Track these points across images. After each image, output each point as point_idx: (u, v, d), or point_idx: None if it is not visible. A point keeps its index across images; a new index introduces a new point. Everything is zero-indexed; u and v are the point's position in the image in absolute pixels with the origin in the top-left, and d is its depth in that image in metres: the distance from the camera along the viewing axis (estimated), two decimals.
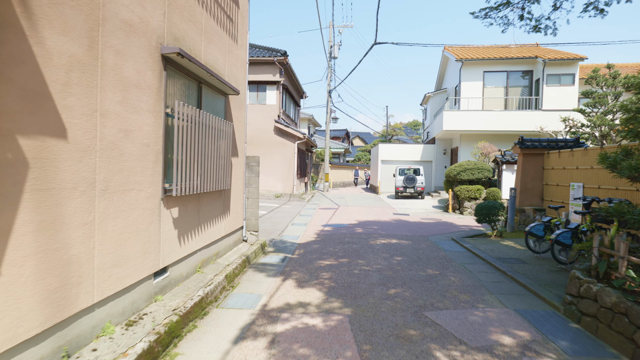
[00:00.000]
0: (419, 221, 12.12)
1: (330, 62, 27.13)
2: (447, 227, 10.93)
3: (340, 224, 11.19)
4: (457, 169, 14.82)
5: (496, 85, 20.66)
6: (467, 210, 14.30)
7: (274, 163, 19.31)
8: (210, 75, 4.75)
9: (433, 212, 14.77)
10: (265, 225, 10.53)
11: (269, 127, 19.31)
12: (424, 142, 27.69)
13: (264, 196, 18.94)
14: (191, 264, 4.72)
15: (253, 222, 7.80)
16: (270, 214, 13.10)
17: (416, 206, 16.84)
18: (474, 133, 20.26)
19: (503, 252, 7.38)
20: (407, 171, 21.33)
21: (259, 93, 19.37)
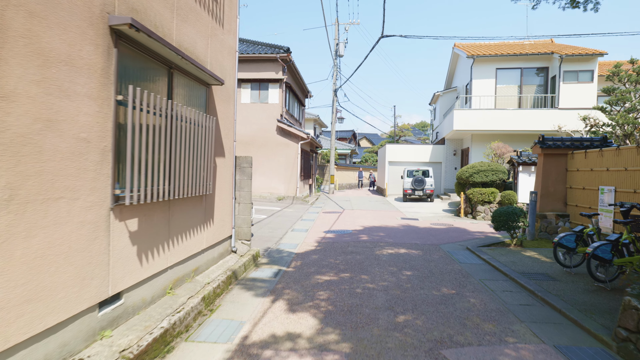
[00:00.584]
0: (429, 227, 11.23)
1: (336, 60, 26.34)
2: (460, 234, 10.03)
3: (343, 230, 10.36)
4: (469, 170, 13.90)
5: (509, 83, 19.67)
6: (481, 214, 13.36)
7: (276, 164, 18.54)
8: (183, 60, 3.97)
9: (444, 217, 13.86)
10: (262, 232, 9.73)
11: (271, 127, 18.55)
12: (432, 142, 26.74)
13: (266, 199, 18.17)
14: (158, 285, 3.93)
15: (245, 230, 7.00)
16: (270, 218, 12.30)
17: (425, 210, 15.94)
18: (485, 133, 19.29)
19: (527, 265, 6.48)
20: (415, 173, 20.44)
21: (261, 92, 18.63)
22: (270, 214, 13.48)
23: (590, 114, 16.16)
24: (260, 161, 18.61)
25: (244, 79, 18.44)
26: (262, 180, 18.59)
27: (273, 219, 12.26)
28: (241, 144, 18.71)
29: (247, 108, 18.66)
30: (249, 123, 18.65)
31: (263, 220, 11.73)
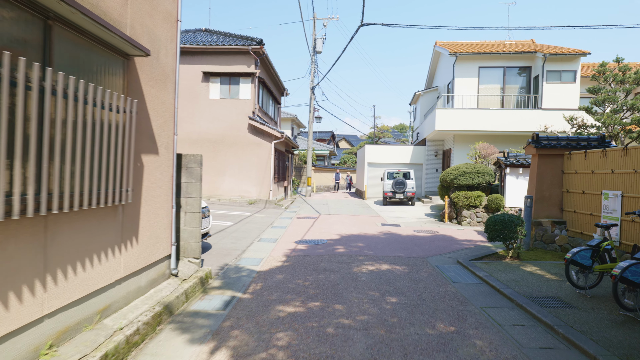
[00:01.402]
0: (412, 235, 10.16)
1: (314, 56, 25.18)
2: (447, 244, 8.99)
3: (318, 240, 9.14)
4: (454, 172, 12.97)
5: (492, 82, 19.00)
6: (466, 220, 12.43)
7: (248, 165, 17.18)
8: (68, 8, 2.66)
9: (427, 223, 12.86)
10: (223, 243, 8.40)
11: (242, 125, 17.17)
12: (413, 143, 25.95)
13: (236, 203, 16.77)
14: (22, 346, 2.60)
15: (193, 245, 5.68)
16: (237, 225, 10.97)
17: (407, 214, 14.93)
18: (468, 133, 18.52)
19: (532, 285, 5.44)
20: (396, 175, 19.48)
21: (232, 86, 17.23)
22: (238, 220, 12.14)
23: (575, 115, 15.58)
24: (230, 162, 17.20)
25: (212, 72, 17.01)
26: (232, 182, 17.19)
27: (240, 226, 10.92)
28: (209, 143, 17.25)
29: (215, 104, 17.23)
30: (218, 120, 17.22)
31: (228, 228, 10.39)
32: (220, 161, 17.21)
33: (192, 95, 17.24)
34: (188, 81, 17.22)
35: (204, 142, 17.25)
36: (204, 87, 17.18)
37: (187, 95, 17.25)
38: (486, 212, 12.36)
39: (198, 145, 17.27)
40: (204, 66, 17.12)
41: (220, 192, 17.17)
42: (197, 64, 17.16)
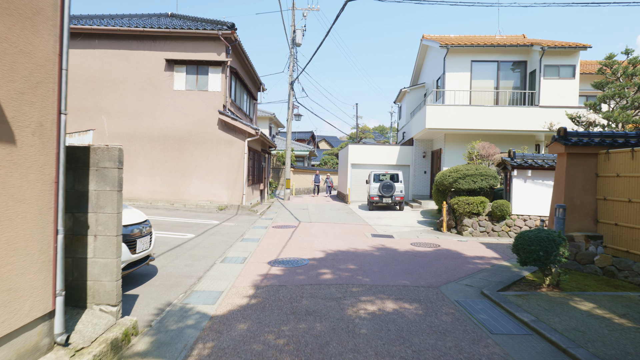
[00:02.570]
0: (411, 250, 8.45)
1: (293, 49, 23.35)
2: (456, 263, 7.31)
3: (297, 259, 7.28)
4: (453, 175, 11.37)
5: (486, 77, 17.65)
6: (468, 229, 10.84)
7: (218, 166, 15.14)
8: None
9: (423, 232, 11.21)
10: (174, 266, 6.44)
11: (211, 120, 15.13)
12: (399, 143, 24.43)
13: (204, 209, 14.71)
14: None
15: (107, 286, 3.73)
16: (198, 239, 8.98)
17: (398, 222, 13.27)
18: (460, 132, 17.09)
19: (606, 338, 3.77)
20: (382, 177, 17.84)
21: (199, 76, 15.17)
22: (203, 230, 10.15)
23: (578, 112, 14.34)
24: (197, 162, 15.13)
25: (177, 60, 14.91)
26: (200, 185, 15.11)
27: (202, 239, 8.95)
28: (173, 141, 15.13)
29: (181, 96, 15.12)
30: (184, 115, 15.13)
31: (186, 243, 8.40)
32: (187, 161, 15.12)
33: (154, 85, 15.08)
34: (149, 70, 15.05)
35: (167, 140, 15.11)
36: (167, 77, 15.05)
37: (148, 85, 15.08)
38: (490, 221, 10.82)
39: (161, 143, 15.12)
40: (168, 53, 15.00)
41: (186, 197, 15.07)
42: (159, 50, 15.02)
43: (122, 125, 15.15)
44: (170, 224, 11.01)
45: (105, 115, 15.15)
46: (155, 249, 7.63)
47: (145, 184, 15.11)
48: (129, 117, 15.14)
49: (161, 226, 10.42)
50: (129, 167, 15.11)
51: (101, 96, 15.11)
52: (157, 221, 11.22)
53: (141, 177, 15.12)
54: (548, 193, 10.42)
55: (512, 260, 7.53)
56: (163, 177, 15.11)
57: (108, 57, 15.09)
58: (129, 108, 15.12)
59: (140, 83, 15.07)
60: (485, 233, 10.79)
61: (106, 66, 15.08)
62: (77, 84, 15.08)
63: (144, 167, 15.13)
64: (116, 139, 15.17)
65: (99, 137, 15.17)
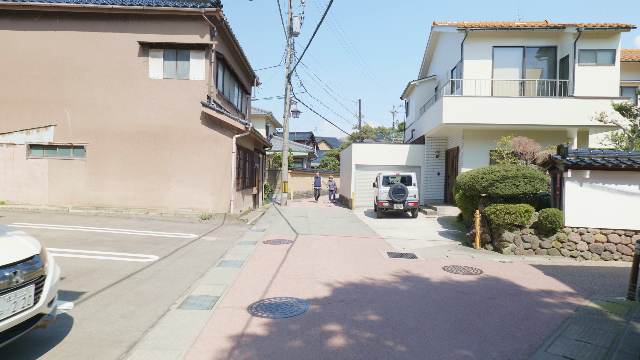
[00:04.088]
0: (448, 279, 6.22)
1: (290, 39, 21.19)
2: (521, 304, 5.07)
3: (291, 302, 5.03)
4: (488, 177, 9.14)
5: (509, 65, 15.46)
6: (509, 245, 8.62)
7: (201, 167, 12.92)
8: None
9: (450, 248, 8.98)
10: (103, 318, 4.18)
11: (193, 114, 12.91)
12: (408, 142, 22.21)
13: (185, 218, 12.46)
14: None
15: None
16: (162, 263, 6.73)
17: (415, 233, 11.03)
18: (481, 128, 14.90)
19: None
20: (392, 179, 15.63)
21: (179, 62, 12.95)
22: (173, 249, 7.91)
23: (625, 103, 12.14)
24: (177, 163, 12.89)
25: (153, 43, 12.69)
26: (180, 190, 12.87)
27: (167, 264, 6.70)
28: (149, 138, 12.90)
29: (158, 86, 12.90)
30: (161, 107, 12.90)
31: (141, 272, 6.15)
32: (164, 162, 12.88)
33: (126, 73, 12.86)
34: (120, 55, 12.83)
35: (142, 137, 12.88)
36: (141, 64, 12.83)
37: (119, 73, 12.86)
38: (536, 234, 8.59)
39: (134, 141, 12.89)
40: (142, 35, 12.79)
41: (164, 204, 12.82)
42: (132, 31, 12.80)
43: (89, 119, 12.91)
44: (134, 239, 8.76)
45: (69, 109, 12.91)
46: (92, 284, 5.40)
47: (115, 189, 12.87)
48: (96, 111, 12.91)
49: (120, 244, 8.17)
50: (96, 170, 12.88)
51: (64, 86, 12.88)
52: (118, 236, 8.98)
53: (111, 180, 12.88)
54: (614, 200, 8.21)
55: (596, 298, 5.30)
56: (137, 181, 12.87)
57: (72, 40, 12.87)
58: (97, 100, 12.90)
59: (109, 70, 12.84)
60: (530, 250, 8.56)
61: (70, 51, 12.86)
62: (35, 71, 12.85)
63: (115, 169, 12.89)
64: (82, 136, 12.93)
65: (61, 133, 12.94)
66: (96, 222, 10.98)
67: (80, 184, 12.89)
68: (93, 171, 12.89)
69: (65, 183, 12.91)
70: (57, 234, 8.92)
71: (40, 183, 12.91)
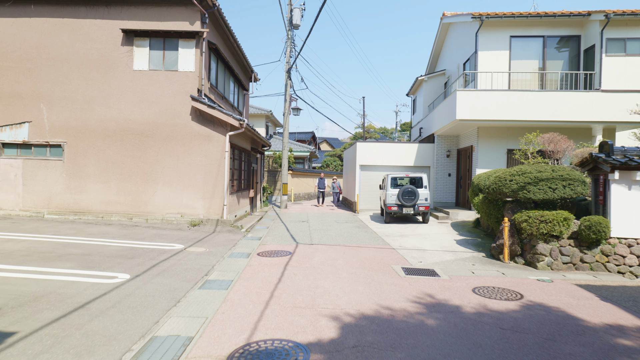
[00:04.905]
0: (485, 309, 4.96)
1: (290, 32, 19.98)
2: (591, 349, 3.83)
3: (287, 348, 3.78)
4: (518, 179, 7.87)
5: (528, 57, 14.20)
6: (544, 259, 7.36)
7: (191, 168, 11.70)
8: None
9: (474, 262, 7.73)
10: None
11: (182, 109, 11.69)
12: (416, 141, 20.93)
13: (172, 224, 11.24)
14: None
15: None
16: (131, 285, 5.50)
17: (430, 242, 9.78)
18: (497, 125, 13.65)
19: None
20: (400, 181, 14.40)
21: (167, 52, 11.73)
22: (149, 265, 6.68)
23: None
24: (165, 163, 11.68)
25: (138, 30, 11.48)
26: (168, 193, 11.65)
27: (138, 286, 5.47)
28: (133, 136, 11.69)
29: (143, 78, 11.69)
30: (147, 102, 11.69)
31: (101, 299, 4.91)
32: (151, 162, 11.66)
33: (108, 64, 11.65)
34: (102, 44, 11.63)
35: (126, 134, 11.67)
36: (125, 54, 11.63)
37: (100, 64, 11.65)
38: (577, 247, 7.33)
39: (117, 139, 11.68)
40: (126, 22, 11.58)
41: (150, 209, 11.60)
42: (114, 18, 11.60)
43: (67, 115, 11.71)
44: (108, 252, 7.54)
45: (45, 104, 11.71)
46: (31, 319, 4.18)
47: (97, 192, 11.65)
48: (76, 106, 11.70)
49: (88, 258, 6.95)
50: (75, 171, 11.67)
51: (40, 78, 11.68)
52: (90, 248, 7.75)
53: (92, 183, 11.67)
54: None
55: None
56: (120, 183, 11.65)
57: (48, 28, 11.67)
58: (76, 94, 11.69)
59: (90, 61, 11.64)
60: (570, 265, 7.29)
61: (46, 40, 11.66)
62: (7, 62, 11.66)
63: (96, 170, 11.68)
64: (59, 134, 11.72)
65: (37, 131, 11.74)
66: (71, 230, 9.77)
67: (58, 187, 11.67)
68: (72, 173, 11.68)
69: (41, 186, 11.70)
70: (18, 246, 7.70)
71: (14, 186, 11.70)
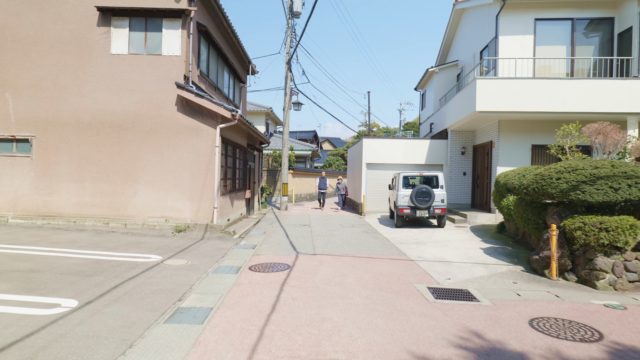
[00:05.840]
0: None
1: (291, 20, 18.56)
2: None
3: None
4: (568, 176, 6.41)
5: (555, 42, 12.73)
6: (604, 276, 5.89)
7: (176, 166, 10.28)
8: None
9: (514, 278, 6.26)
10: None
11: (166, 98, 10.28)
12: (426, 137, 19.48)
13: (154, 230, 9.82)
14: None
15: None
16: (73, 319, 4.05)
17: (452, 251, 8.31)
18: (522, 118, 12.18)
19: None
20: (412, 180, 12.96)
21: (149, 34, 10.32)
22: (112, 286, 5.26)
23: None
24: (147, 160, 10.27)
25: (115, 8, 10.06)
26: (151, 195, 10.23)
27: (83, 318, 4.03)
28: (111, 129, 10.27)
29: (122, 63, 10.28)
30: (126, 90, 10.27)
31: (25, 340, 3.48)
32: (131, 159, 10.25)
33: (82, 48, 10.25)
34: (75, 25, 10.23)
35: (102, 127, 10.26)
36: (102, 36, 10.22)
37: (74, 48, 10.25)
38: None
39: (93, 133, 10.27)
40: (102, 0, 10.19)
41: (129, 212, 10.18)
42: None
43: (36, 106, 10.31)
44: (64, 268, 6.12)
45: (11, 92, 10.32)
46: None
47: (69, 192, 10.25)
48: (45, 95, 10.31)
49: (35, 277, 5.52)
50: (45, 169, 10.27)
51: (4, 64, 10.29)
52: (44, 262, 6.32)
53: (64, 183, 10.26)
54: None
55: None
56: (96, 183, 10.25)
57: (14, 7, 10.28)
58: (46, 81, 10.30)
59: (62, 44, 10.25)
60: (638, 285, 5.83)
61: (11, 20, 10.28)
62: None
63: (69, 168, 10.28)
64: (27, 127, 10.33)
65: (1, 123, 10.34)
66: (33, 238, 8.36)
67: (26, 187, 10.27)
68: (41, 171, 10.28)
69: (6, 186, 10.30)
70: None
71: None
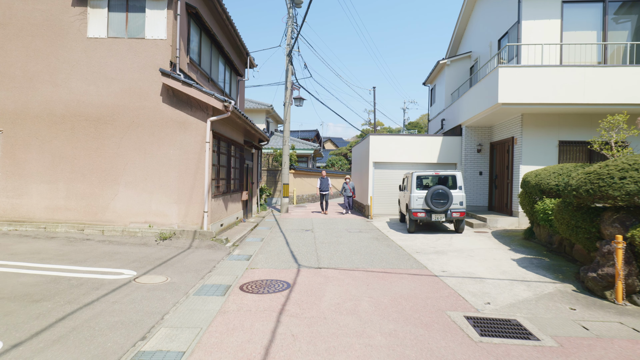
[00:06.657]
0: None
1: (292, 9, 17.35)
2: None
3: None
4: (635, 175, 5.16)
5: (584, 27, 11.47)
6: None
7: (162, 164, 9.06)
8: None
9: (570, 303, 5.01)
10: None
11: (150, 88, 9.06)
12: (438, 134, 18.21)
13: (136, 237, 8.60)
14: None
15: None
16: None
17: (479, 262, 7.06)
18: (547, 110, 10.92)
19: None
20: (426, 180, 11.73)
21: (130, 15, 9.11)
22: (59, 317, 4.02)
23: None
24: (128, 158, 9.05)
25: None
26: (133, 197, 9.01)
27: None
28: (88, 123, 9.06)
29: (100, 48, 9.07)
30: (105, 78, 9.06)
31: None
32: (110, 156, 9.04)
33: (55, 31, 9.05)
34: (46, 4, 9.03)
35: (78, 121, 9.05)
36: (77, 17, 9.02)
37: (46, 30, 9.05)
38: None
39: (67, 126, 9.06)
40: None
41: (108, 217, 8.97)
42: None
43: (3, 96, 9.13)
44: (7, 290, 4.91)
45: None
46: None
47: (41, 194, 9.05)
48: (13, 84, 9.12)
49: None
50: (13, 168, 9.07)
51: None
52: None
53: (34, 183, 9.06)
54: None
55: None
56: (71, 184, 9.05)
57: None
58: (14, 68, 9.11)
59: (32, 27, 9.05)
60: None
61: None
62: None
63: (40, 167, 9.08)
64: None
65: None
66: None
67: None
68: (8, 170, 9.09)
69: None
70: None
71: None
